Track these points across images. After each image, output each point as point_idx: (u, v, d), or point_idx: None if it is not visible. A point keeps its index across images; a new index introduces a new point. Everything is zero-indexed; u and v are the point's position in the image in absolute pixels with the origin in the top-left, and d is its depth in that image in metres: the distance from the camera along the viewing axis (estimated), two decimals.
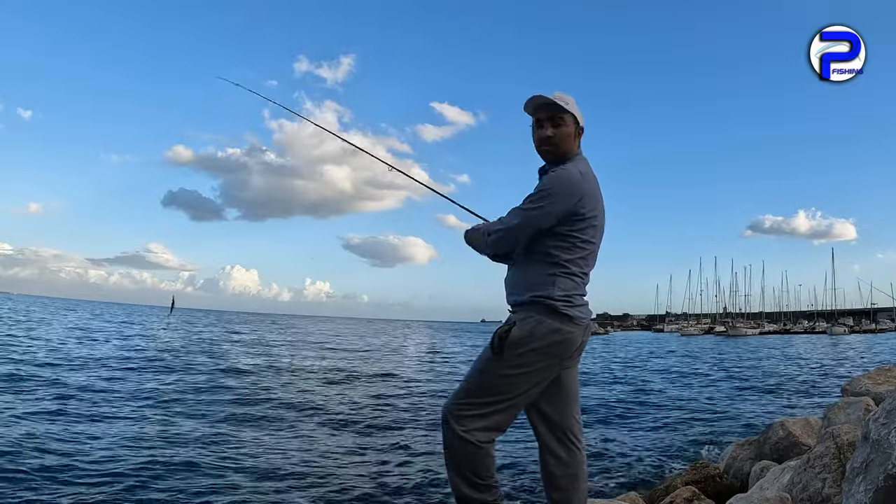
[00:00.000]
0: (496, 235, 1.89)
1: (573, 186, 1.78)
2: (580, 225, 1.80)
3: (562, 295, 1.78)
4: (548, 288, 1.79)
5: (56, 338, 18.52)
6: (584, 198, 1.79)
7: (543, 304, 1.78)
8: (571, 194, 1.77)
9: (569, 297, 1.79)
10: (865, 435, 2.03)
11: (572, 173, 1.81)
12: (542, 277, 1.81)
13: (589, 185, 1.83)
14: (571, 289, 1.81)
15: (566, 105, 1.87)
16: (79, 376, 10.32)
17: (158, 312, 74.66)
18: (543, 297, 1.78)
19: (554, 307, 1.77)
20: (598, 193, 1.88)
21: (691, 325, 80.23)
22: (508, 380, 1.79)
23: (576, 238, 1.81)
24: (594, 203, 1.84)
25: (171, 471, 5.10)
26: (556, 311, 1.77)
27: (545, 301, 1.78)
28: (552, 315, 1.77)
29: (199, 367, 13.15)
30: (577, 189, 1.78)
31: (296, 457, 5.89)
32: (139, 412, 7.57)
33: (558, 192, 1.76)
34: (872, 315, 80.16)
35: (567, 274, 1.81)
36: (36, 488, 4.45)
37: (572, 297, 1.81)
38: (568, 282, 1.81)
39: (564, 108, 1.86)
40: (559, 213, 1.77)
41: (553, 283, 1.79)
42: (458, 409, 1.83)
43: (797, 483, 2.75)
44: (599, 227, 1.88)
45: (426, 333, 56.22)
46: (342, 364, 16.72)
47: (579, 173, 1.81)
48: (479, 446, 1.79)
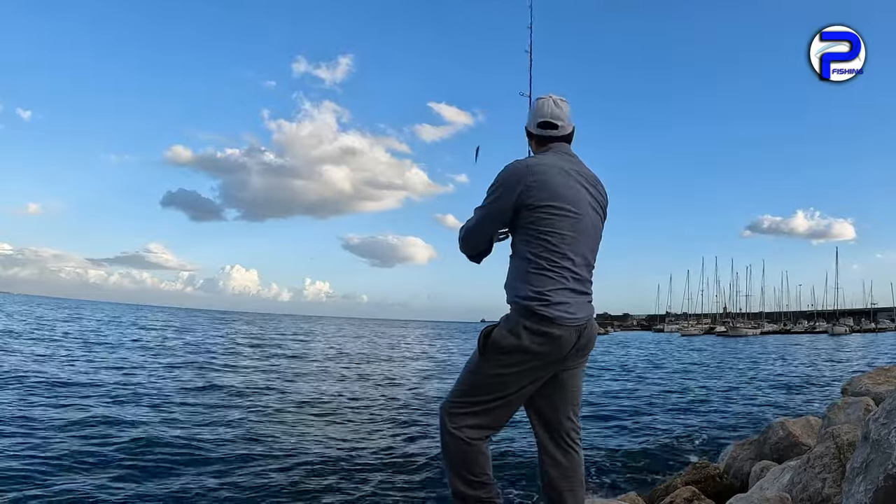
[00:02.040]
0: (463, 237, 1.98)
1: (516, 175, 1.82)
2: (537, 215, 1.79)
3: (534, 293, 1.75)
4: (520, 287, 1.79)
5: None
6: (531, 188, 1.79)
7: (518, 305, 1.78)
8: (515, 183, 1.80)
9: (542, 296, 1.74)
10: (865, 435, 2.03)
11: (515, 164, 1.86)
12: (515, 277, 1.83)
13: (543, 175, 1.81)
14: (545, 285, 1.76)
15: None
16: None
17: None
18: (518, 298, 1.78)
19: (528, 308, 1.75)
20: (570, 187, 1.85)
21: (691, 325, 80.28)
22: (497, 379, 1.79)
23: (537, 230, 1.79)
24: (559, 194, 1.81)
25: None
26: (532, 311, 1.74)
27: (519, 302, 1.78)
28: (528, 316, 1.75)
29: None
30: (520, 178, 1.80)
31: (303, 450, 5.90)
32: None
33: (501, 183, 1.84)
34: (872, 315, 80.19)
35: (538, 270, 1.78)
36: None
37: (547, 294, 1.75)
38: (541, 278, 1.77)
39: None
40: (507, 205, 1.82)
41: (525, 281, 1.78)
42: (451, 407, 1.86)
43: (797, 483, 2.75)
44: (578, 220, 1.83)
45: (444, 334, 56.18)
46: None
47: (525, 165, 1.84)
48: (469, 443, 1.81)
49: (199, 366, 13.57)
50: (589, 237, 1.88)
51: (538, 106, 1.99)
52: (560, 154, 1.93)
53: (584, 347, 1.84)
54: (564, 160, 1.91)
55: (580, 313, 1.80)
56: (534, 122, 1.99)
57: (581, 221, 1.85)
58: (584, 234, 1.86)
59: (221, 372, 12.77)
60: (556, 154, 1.93)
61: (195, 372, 12.36)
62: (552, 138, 1.96)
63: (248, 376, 12.34)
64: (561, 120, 1.95)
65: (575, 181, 1.87)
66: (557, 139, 1.96)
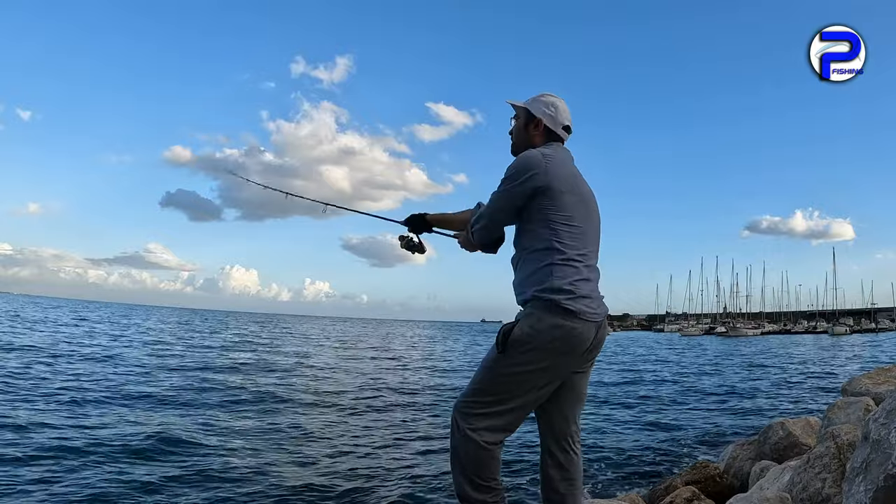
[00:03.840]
0: (476, 229, 1.97)
1: (533, 161, 1.82)
2: (557, 202, 1.79)
3: (562, 285, 1.72)
4: (546, 279, 1.74)
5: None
6: (550, 174, 1.80)
7: (543, 300, 1.73)
8: (536, 165, 1.80)
9: (570, 288, 1.72)
10: (865, 435, 2.02)
11: (532, 152, 1.87)
12: (539, 269, 1.77)
13: (557, 164, 1.84)
14: (572, 275, 1.74)
15: (515, 102, 2.05)
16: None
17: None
18: (543, 291, 1.74)
19: (554, 301, 1.71)
20: (576, 177, 1.90)
21: (691, 325, 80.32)
22: (515, 378, 1.75)
23: (557, 215, 1.79)
24: (569, 182, 1.84)
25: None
26: (558, 305, 1.71)
27: (544, 296, 1.73)
28: (553, 311, 1.71)
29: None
30: (538, 164, 1.81)
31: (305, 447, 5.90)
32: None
33: (521, 168, 1.82)
34: (872, 315, 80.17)
35: (564, 260, 1.76)
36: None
37: (575, 285, 1.73)
38: (567, 269, 1.75)
39: (512, 105, 2.05)
40: (524, 191, 1.80)
41: (550, 273, 1.75)
42: (466, 407, 1.81)
43: (797, 483, 2.74)
44: (587, 208, 1.88)
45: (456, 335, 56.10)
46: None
47: (540, 153, 1.85)
48: (485, 447, 1.75)
49: (213, 367, 13.57)
50: (596, 226, 1.92)
51: (561, 107, 1.99)
52: (564, 150, 1.98)
53: (598, 345, 1.82)
54: (568, 155, 1.97)
55: (599, 309, 1.79)
56: (557, 122, 1.97)
57: (589, 209, 1.89)
58: (592, 223, 1.89)
59: (225, 373, 12.76)
60: (561, 150, 1.96)
61: (209, 374, 12.36)
62: (561, 140, 2.00)
63: (248, 376, 12.33)
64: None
65: (576, 174, 1.92)
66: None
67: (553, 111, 1.97)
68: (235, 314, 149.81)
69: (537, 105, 1.99)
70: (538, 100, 2.00)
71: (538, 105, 1.99)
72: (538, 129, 1.98)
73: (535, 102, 2.00)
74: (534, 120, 1.98)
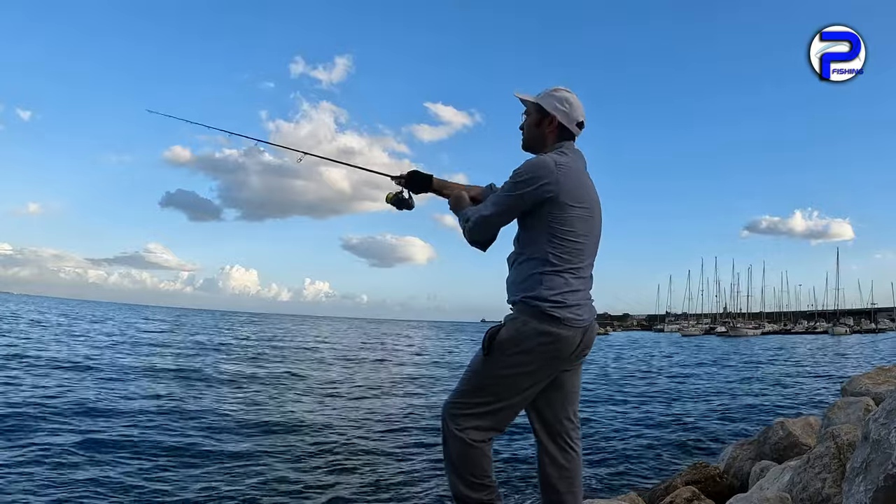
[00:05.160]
0: (473, 222, 1.90)
1: (546, 170, 1.76)
2: (562, 214, 1.77)
3: (550, 295, 1.73)
4: (535, 287, 1.75)
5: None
6: (560, 185, 1.76)
7: (530, 306, 1.75)
8: (547, 174, 1.75)
9: (558, 298, 1.74)
10: (865, 435, 2.02)
11: (544, 158, 1.81)
12: (531, 277, 1.78)
13: (569, 175, 1.79)
14: (561, 287, 1.75)
15: (524, 96, 1.97)
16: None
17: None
18: (530, 298, 1.75)
19: (540, 309, 1.73)
20: (586, 187, 1.86)
21: (692, 325, 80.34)
22: (501, 380, 1.77)
23: (560, 228, 1.77)
24: (578, 194, 1.80)
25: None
26: (543, 312, 1.72)
27: (531, 302, 1.75)
28: (539, 317, 1.73)
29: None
30: (549, 173, 1.76)
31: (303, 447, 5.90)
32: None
33: (532, 174, 1.77)
34: (872, 315, 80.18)
35: (556, 271, 1.76)
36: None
37: (563, 296, 1.75)
38: (557, 279, 1.76)
39: (521, 99, 1.98)
40: (532, 198, 1.77)
41: (540, 283, 1.75)
42: (454, 407, 1.83)
43: (797, 483, 2.74)
44: (591, 222, 1.85)
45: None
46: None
47: (554, 161, 1.79)
48: (472, 445, 1.78)
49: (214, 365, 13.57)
50: (596, 238, 1.90)
51: (575, 103, 1.92)
52: (576, 152, 1.92)
53: (585, 348, 1.84)
54: (580, 159, 1.92)
55: (586, 315, 1.80)
56: (571, 118, 1.91)
57: (593, 223, 1.87)
58: (593, 236, 1.88)
59: (230, 374, 12.76)
60: (573, 152, 1.91)
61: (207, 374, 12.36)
62: (573, 136, 1.95)
63: (247, 376, 12.34)
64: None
65: (588, 180, 1.89)
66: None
67: (567, 107, 1.90)
68: (236, 314, 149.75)
69: (550, 101, 1.91)
70: (552, 95, 1.92)
71: (551, 101, 1.91)
72: (552, 125, 1.91)
73: (548, 98, 1.92)
74: (547, 117, 1.91)
